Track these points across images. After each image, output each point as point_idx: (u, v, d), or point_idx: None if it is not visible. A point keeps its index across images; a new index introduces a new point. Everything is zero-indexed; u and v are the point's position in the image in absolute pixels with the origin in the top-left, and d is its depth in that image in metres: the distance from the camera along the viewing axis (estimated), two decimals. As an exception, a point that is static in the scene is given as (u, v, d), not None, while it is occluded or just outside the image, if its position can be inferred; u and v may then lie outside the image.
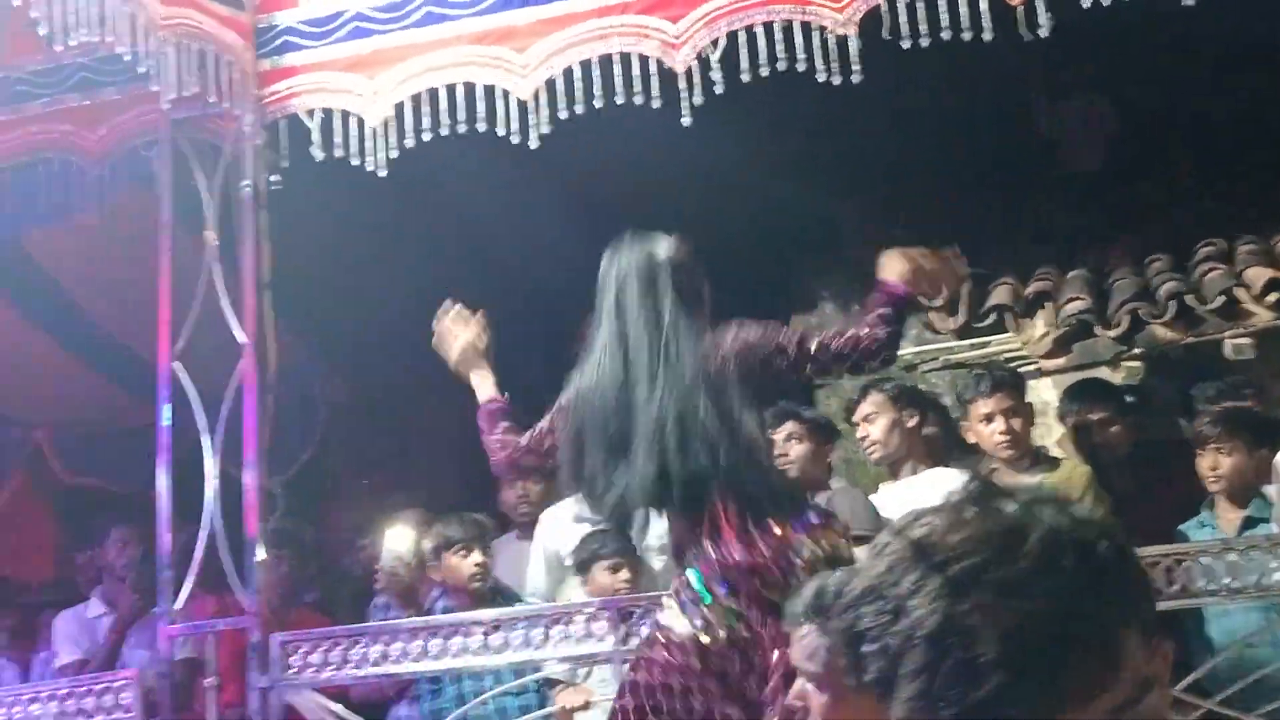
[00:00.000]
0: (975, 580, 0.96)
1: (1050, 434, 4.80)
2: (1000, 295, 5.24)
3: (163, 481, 3.87)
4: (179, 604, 3.79)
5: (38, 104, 4.24)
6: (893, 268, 3.11)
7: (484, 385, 3.35)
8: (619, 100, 3.63)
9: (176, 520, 3.87)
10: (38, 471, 6.82)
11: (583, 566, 4.16)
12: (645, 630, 3.48)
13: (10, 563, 6.93)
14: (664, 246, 3.03)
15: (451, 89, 3.80)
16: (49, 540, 7.48)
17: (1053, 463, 4.24)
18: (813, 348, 2.97)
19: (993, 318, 5.24)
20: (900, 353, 5.78)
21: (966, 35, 3.41)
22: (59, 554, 7.24)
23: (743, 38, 3.57)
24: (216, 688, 3.76)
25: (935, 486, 3.82)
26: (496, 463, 3.27)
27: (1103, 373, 5.01)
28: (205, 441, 3.83)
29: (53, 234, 4.99)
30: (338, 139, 3.85)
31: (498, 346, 3.41)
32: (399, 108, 3.84)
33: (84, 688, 3.93)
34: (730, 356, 2.91)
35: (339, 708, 3.72)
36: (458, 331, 3.43)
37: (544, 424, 3.15)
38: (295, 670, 3.66)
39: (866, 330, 2.98)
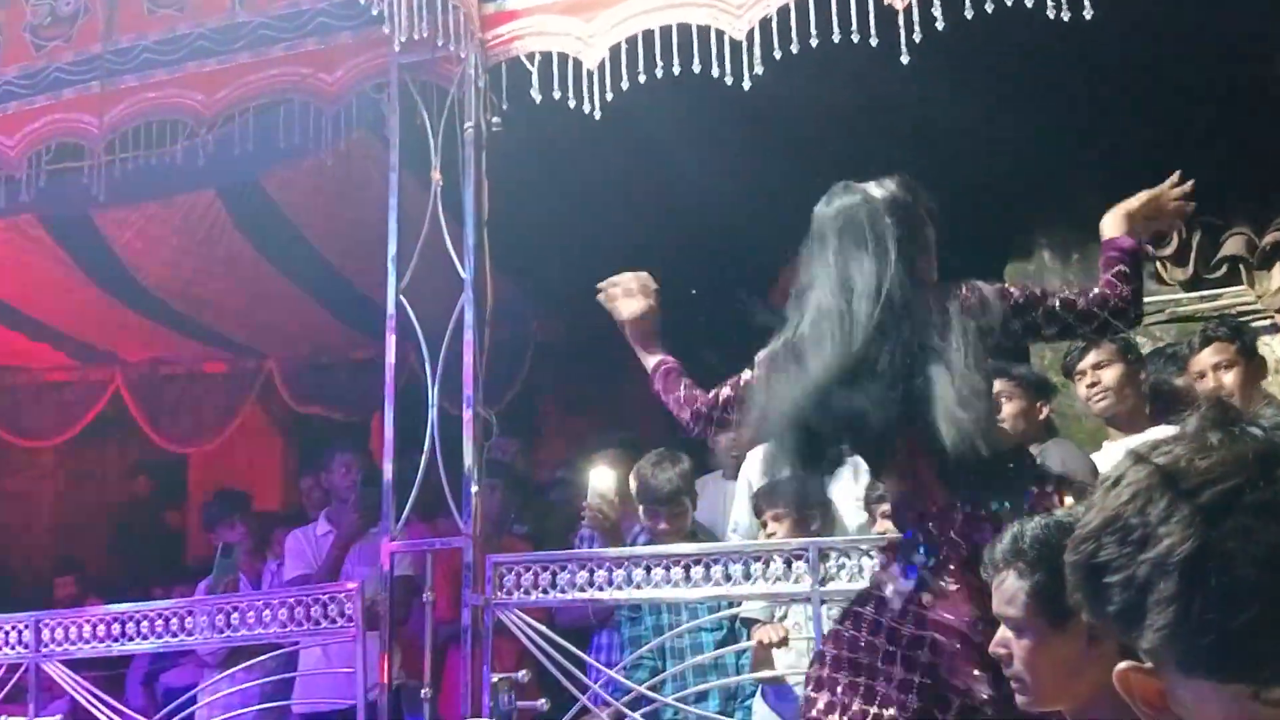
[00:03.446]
0: (1232, 504, 0.94)
1: (1281, 392, 4.55)
2: (1233, 246, 4.96)
3: (389, 412, 4.06)
4: (399, 525, 4.01)
5: (279, 47, 4.43)
6: (1113, 225, 3.00)
7: (652, 352, 3.31)
8: (835, 39, 3.57)
9: (396, 447, 4.06)
10: (269, 400, 7.27)
11: (756, 510, 4.20)
12: (844, 572, 3.50)
13: (243, 483, 7.46)
14: (882, 187, 2.93)
15: (666, 30, 3.83)
16: (278, 463, 8.00)
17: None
18: (1056, 304, 2.85)
19: (1225, 269, 4.97)
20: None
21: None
22: (287, 476, 7.73)
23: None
24: (432, 603, 3.97)
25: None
26: (683, 421, 3.20)
27: (1342, 328, 4.71)
28: (428, 373, 4.01)
29: (287, 173, 5.27)
30: (555, 81, 3.93)
31: (703, 293, 3.39)
32: (614, 50, 3.89)
33: (312, 597, 4.19)
34: (962, 314, 2.77)
35: (543, 628, 3.88)
36: (632, 303, 3.36)
37: (726, 391, 3.09)
38: (506, 591, 3.83)
39: (1111, 289, 2.85)
